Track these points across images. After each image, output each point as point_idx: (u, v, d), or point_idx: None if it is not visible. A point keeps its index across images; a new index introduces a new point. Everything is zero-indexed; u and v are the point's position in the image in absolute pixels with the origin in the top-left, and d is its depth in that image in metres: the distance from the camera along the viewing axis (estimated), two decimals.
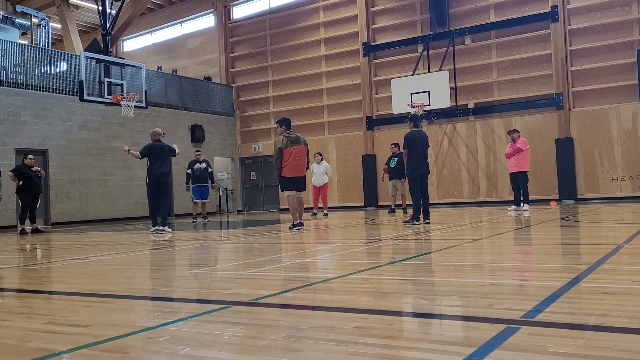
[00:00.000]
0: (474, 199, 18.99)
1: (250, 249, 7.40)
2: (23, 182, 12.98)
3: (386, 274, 4.49)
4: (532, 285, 3.81)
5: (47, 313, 3.33)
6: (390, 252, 6.16)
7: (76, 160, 17.55)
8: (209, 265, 5.80)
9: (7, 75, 16.25)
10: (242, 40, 24.16)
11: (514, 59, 18.70)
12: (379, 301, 3.32)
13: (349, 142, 21.39)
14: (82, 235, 11.67)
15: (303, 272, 4.87)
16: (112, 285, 4.43)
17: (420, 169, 9.90)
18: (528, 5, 18.53)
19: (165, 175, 10.98)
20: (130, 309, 3.44)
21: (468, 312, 2.97)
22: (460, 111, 19.21)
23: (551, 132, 17.89)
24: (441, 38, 19.58)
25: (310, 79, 22.46)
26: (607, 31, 17.40)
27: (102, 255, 6.92)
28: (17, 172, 13.06)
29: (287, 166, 9.65)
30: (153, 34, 26.98)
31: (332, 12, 22.06)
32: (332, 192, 21.36)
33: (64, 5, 21.90)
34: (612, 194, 17.01)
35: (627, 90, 17.02)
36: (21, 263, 6.87)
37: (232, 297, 3.61)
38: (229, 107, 23.78)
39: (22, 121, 16.21)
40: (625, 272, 4.17)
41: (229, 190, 23.90)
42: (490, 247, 6.38)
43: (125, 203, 18.97)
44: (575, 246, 6.11)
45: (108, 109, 17.80)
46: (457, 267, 4.77)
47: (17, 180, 12.98)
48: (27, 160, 13.28)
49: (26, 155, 13.42)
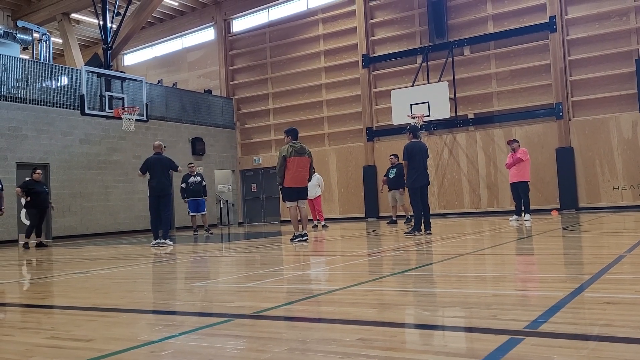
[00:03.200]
0: (475, 209, 18.98)
1: (251, 261, 7.39)
2: (30, 198, 13.00)
3: (388, 286, 4.48)
4: (535, 295, 3.80)
5: (50, 328, 3.33)
6: (392, 264, 6.15)
7: (77, 174, 17.57)
8: (210, 278, 5.80)
9: (9, 90, 16.31)
10: (242, 53, 24.27)
11: (513, 69, 18.76)
12: (381, 313, 3.31)
13: (350, 153, 21.42)
14: (84, 249, 11.65)
15: (305, 284, 4.86)
16: (114, 299, 4.42)
17: (420, 180, 9.91)
18: (526, 16, 18.61)
19: (164, 189, 10.96)
20: (133, 323, 3.43)
21: (471, 323, 2.96)
22: (460, 122, 19.24)
23: (551, 141, 17.91)
24: (440, 49, 19.66)
25: (310, 91, 22.53)
26: (606, 41, 17.47)
27: (104, 269, 6.91)
28: (24, 188, 13.06)
29: (290, 176, 9.68)
30: (153, 48, 27.11)
31: (331, 25, 22.17)
32: (333, 204, 21.36)
33: (65, 20, 22.05)
34: (614, 203, 17.00)
35: (626, 99, 17.06)
36: (23, 277, 6.86)
37: (234, 309, 3.60)
38: (230, 120, 23.84)
39: (24, 135, 16.25)
40: (628, 282, 4.16)
41: (230, 202, 23.89)
42: (492, 257, 6.37)
43: (127, 216, 18.97)
44: (578, 256, 6.10)
45: (109, 122, 17.84)
46: (460, 278, 4.76)
47: (24, 195, 12.99)
48: (35, 175, 13.30)
49: (34, 170, 13.43)
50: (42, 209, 13.26)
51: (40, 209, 13.22)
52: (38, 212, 13.19)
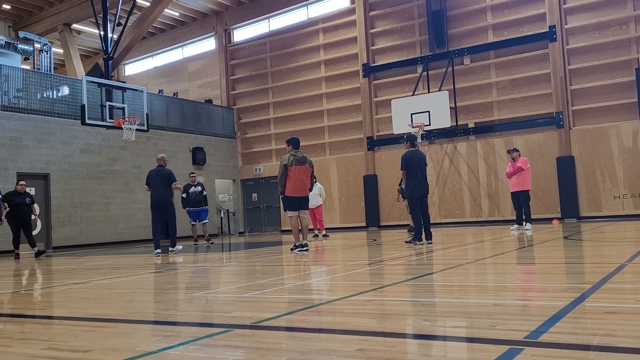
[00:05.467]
0: (476, 219, 18.95)
1: (252, 271, 7.37)
2: (10, 209, 12.93)
3: (389, 295, 4.47)
4: (536, 305, 3.78)
5: (48, 338, 3.31)
6: (392, 273, 6.13)
7: (78, 184, 17.58)
8: (210, 287, 5.78)
9: (10, 100, 16.36)
10: (242, 63, 24.34)
11: (513, 79, 18.79)
12: (381, 323, 3.30)
13: (350, 162, 21.43)
14: (84, 259, 11.63)
15: (305, 294, 4.85)
16: (113, 309, 4.41)
17: (419, 189, 9.88)
18: (526, 26, 18.67)
19: (162, 199, 11.25)
20: (132, 333, 3.42)
21: (471, 333, 2.95)
22: (461, 131, 19.26)
23: (552, 150, 17.91)
24: (440, 59, 19.71)
25: (311, 100, 22.58)
26: (606, 50, 17.51)
27: (104, 279, 6.89)
28: (5, 199, 13.00)
29: (291, 185, 9.67)
30: (154, 58, 27.20)
31: (331, 34, 22.24)
32: (334, 213, 21.33)
33: (66, 30, 22.15)
34: (615, 212, 16.97)
35: (627, 108, 17.07)
36: (22, 287, 6.84)
37: (234, 320, 3.59)
38: (230, 129, 23.88)
39: (24, 145, 16.27)
40: (629, 292, 4.14)
41: (231, 212, 23.88)
42: (493, 267, 6.35)
43: (127, 226, 18.95)
44: (579, 265, 6.08)
45: (109, 132, 17.88)
46: (460, 288, 4.74)
47: (4, 207, 12.91)
48: (18, 186, 13.25)
49: (18, 182, 13.38)
50: (21, 220, 13.16)
51: (19, 220, 13.14)
52: (17, 223, 13.11)
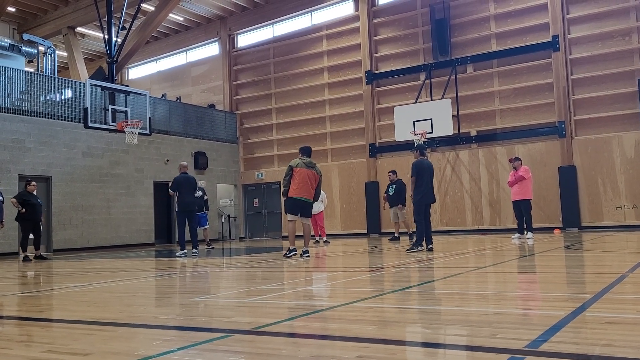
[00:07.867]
0: (478, 227, 18.93)
1: (252, 276, 7.36)
2: (26, 210, 12.97)
3: (389, 303, 4.46)
4: (536, 314, 3.77)
5: (47, 341, 3.31)
6: (393, 280, 6.12)
7: (79, 187, 17.59)
8: (210, 292, 5.77)
9: (13, 103, 16.39)
10: (246, 68, 24.39)
11: (516, 88, 18.81)
12: (381, 330, 3.29)
13: (352, 169, 21.42)
14: (84, 262, 11.63)
15: (305, 300, 4.84)
16: (113, 313, 4.40)
17: (427, 197, 10.00)
18: (529, 35, 18.70)
19: (192, 205, 12.24)
20: (131, 337, 3.41)
21: (472, 341, 2.94)
22: (463, 139, 19.26)
23: (554, 160, 17.90)
24: (443, 67, 19.73)
25: (314, 107, 22.60)
26: (608, 60, 17.52)
27: (104, 283, 6.89)
28: (19, 199, 13.05)
29: (295, 186, 9.71)
30: (158, 62, 27.27)
31: (335, 41, 22.28)
32: (335, 219, 21.32)
33: (70, 33, 22.23)
34: (616, 222, 16.93)
35: (629, 118, 17.08)
36: (22, 290, 6.84)
37: (234, 325, 3.58)
38: (233, 134, 23.90)
39: (27, 148, 16.29)
40: (630, 302, 4.13)
41: (232, 217, 23.87)
42: (494, 275, 6.33)
43: (128, 230, 18.95)
44: (580, 275, 6.07)
45: (112, 135, 17.89)
46: (461, 296, 4.73)
47: (20, 207, 12.96)
48: (29, 187, 13.29)
49: (29, 182, 13.43)
50: (36, 221, 13.23)
51: (35, 221, 13.19)
52: (32, 224, 13.16)
